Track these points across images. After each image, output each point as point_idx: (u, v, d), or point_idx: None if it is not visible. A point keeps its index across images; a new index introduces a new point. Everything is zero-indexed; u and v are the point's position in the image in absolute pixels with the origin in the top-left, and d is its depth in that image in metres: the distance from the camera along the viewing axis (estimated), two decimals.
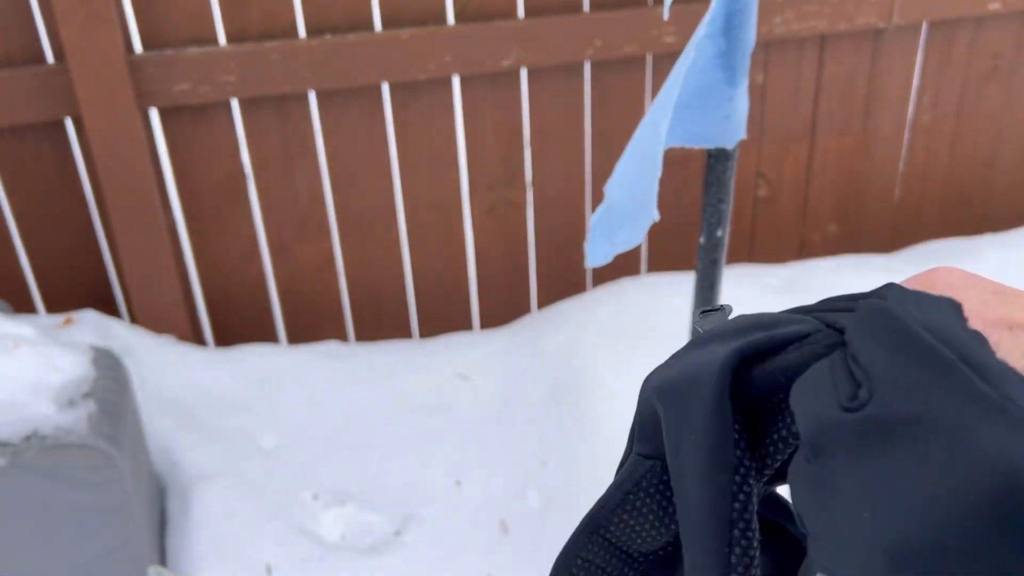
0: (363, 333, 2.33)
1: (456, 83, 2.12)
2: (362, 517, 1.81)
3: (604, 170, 2.31)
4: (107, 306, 2.14)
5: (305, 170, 2.12)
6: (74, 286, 2.10)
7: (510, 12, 2.07)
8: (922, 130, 2.51)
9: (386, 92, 2.09)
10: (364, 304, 2.31)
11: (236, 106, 2.02)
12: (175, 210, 2.10)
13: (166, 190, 2.07)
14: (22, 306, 2.07)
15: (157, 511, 1.73)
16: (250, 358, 2.09)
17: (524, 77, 2.15)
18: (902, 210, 2.61)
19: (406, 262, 2.28)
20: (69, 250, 2.07)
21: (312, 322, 2.29)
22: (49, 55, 1.90)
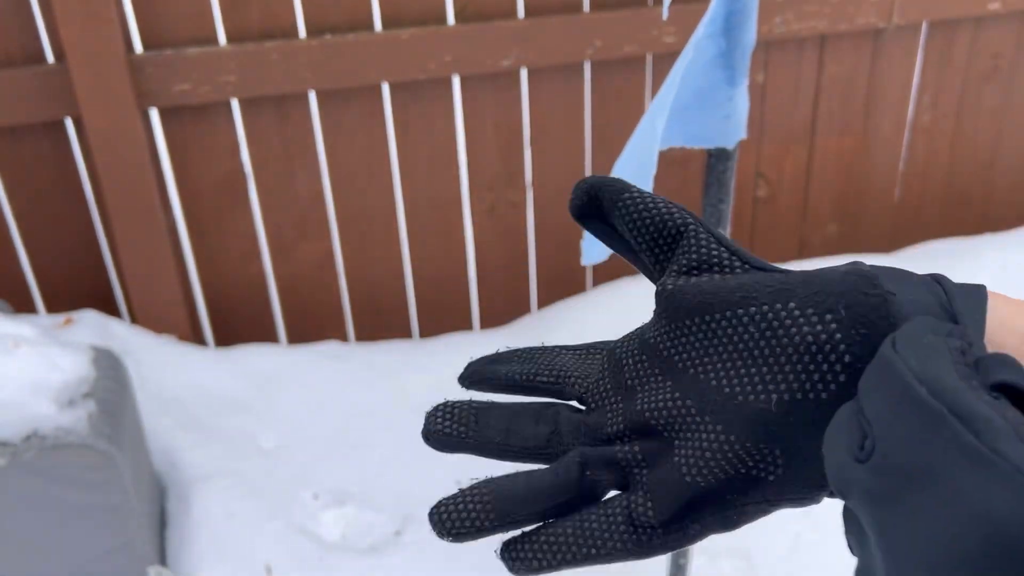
0: (363, 333, 2.33)
1: (456, 83, 2.12)
2: (362, 517, 1.81)
3: (604, 170, 2.31)
4: (107, 306, 2.14)
5: (305, 170, 2.12)
6: (74, 286, 2.10)
7: (510, 12, 2.07)
8: (922, 130, 2.51)
9: (386, 92, 2.09)
10: (364, 304, 2.31)
11: (236, 106, 2.02)
12: (175, 210, 2.11)
13: (166, 190, 2.07)
14: (22, 306, 2.07)
15: (157, 511, 1.73)
16: (250, 358, 2.09)
17: (524, 77, 2.15)
18: (902, 210, 2.61)
19: (406, 262, 2.28)
20: (69, 250, 2.07)
21: (312, 322, 2.29)
22: (49, 55, 1.90)
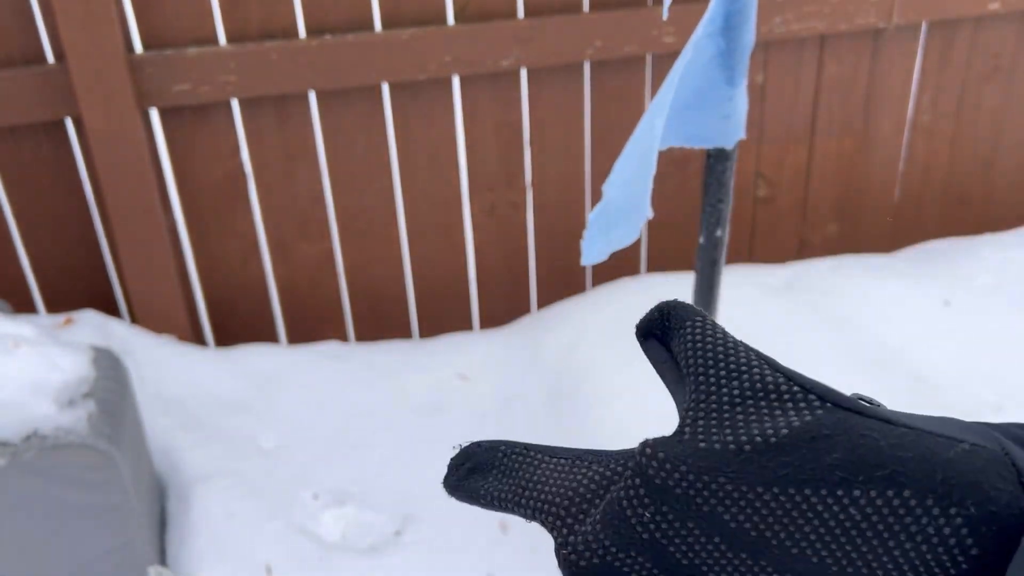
0: (363, 333, 2.33)
1: (456, 83, 2.12)
2: (362, 517, 1.81)
3: (604, 170, 2.31)
4: (107, 306, 2.14)
5: (305, 170, 2.12)
6: (74, 286, 2.10)
7: (510, 12, 2.07)
8: (922, 130, 2.51)
9: (386, 92, 2.09)
10: (364, 304, 2.31)
11: (236, 106, 2.02)
12: (175, 210, 2.11)
13: (166, 190, 2.07)
14: (22, 306, 2.07)
15: (157, 511, 1.73)
16: (250, 358, 2.09)
17: (524, 77, 2.15)
18: (902, 210, 2.61)
19: (406, 262, 2.29)
20: (69, 250, 2.08)
21: (312, 322, 2.29)
22: (49, 55, 1.90)
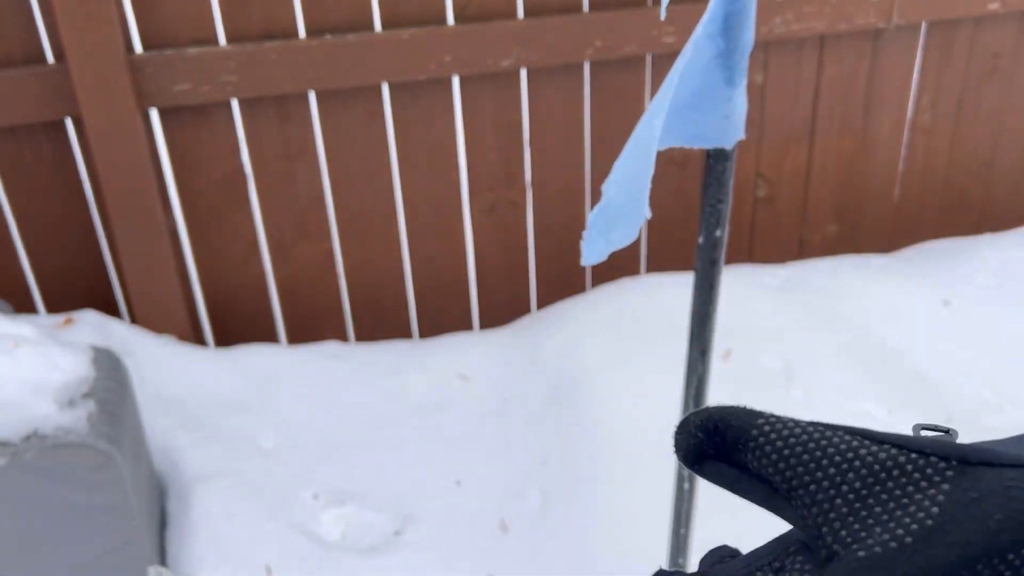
0: (363, 333, 2.33)
1: (456, 83, 2.12)
2: (362, 517, 1.81)
3: (603, 170, 2.31)
4: (107, 306, 2.14)
5: (305, 170, 2.12)
6: (74, 286, 2.11)
7: (510, 12, 2.07)
8: (921, 130, 2.51)
9: (386, 92, 2.09)
10: (364, 304, 2.31)
11: (236, 106, 2.02)
12: (175, 210, 2.11)
13: (167, 190, 2.07)
14: (22, 306, 2.07)
15: (157, 511, 1.73)
16: (250, 358, 2.09)
17: (524, 77, 2.15)
18: (901, 210, 2.61)
19: (406, 262, 2.29)
20: (69, 250, 2.08)
21: (312, 322, 2.29)
22: (49, 55, 1.90)
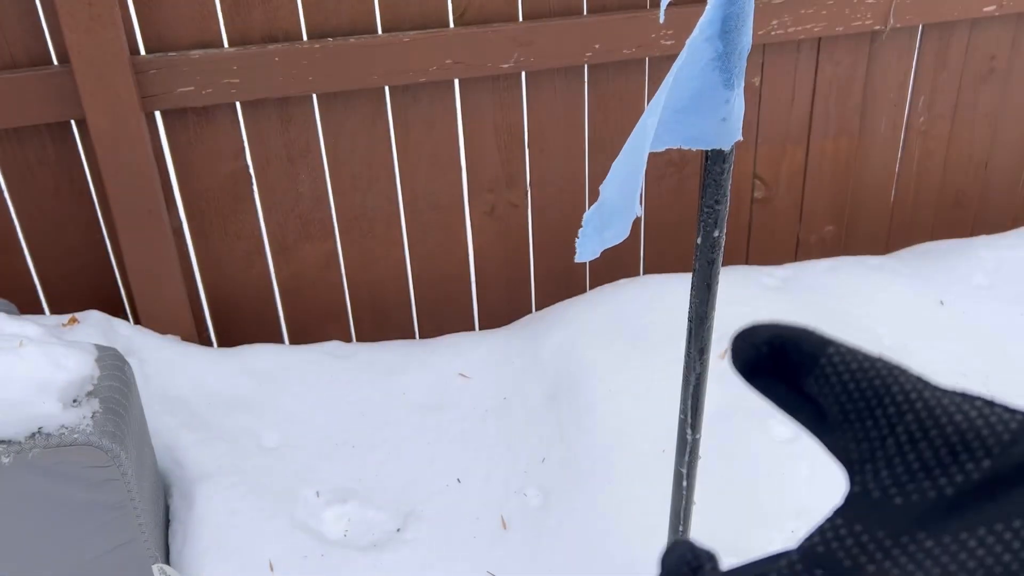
0: (365, 333, 2.35)
1: (456, 85, 2.13)
2: (364, 514, 1.82)
3: (602, 171, 2.32)
4: (112, 306, 2.15)
5: (307, 171, 2.14)
6: (79, 287, 2.12)
7: (510, 15, 2.09)
8: (918, 132, 2.53)
9: (387, 94, 2.10)
10: (366, 304, 2.32)
11: (239, 108, 2.04)
12: (179, 211, 2.12)
13: (171, 191, 2.08)
14: (27, 306, 2.09)
15: (161, 509, 1.74)
16: (253, 357, 2.11)
17: (524, 80, 2.17)
18: (898, 211, 2.63)
19: (407, 262, 2.30)
20: (74, 251, 2.09)
21: (314, 322, 2.30)
22: (53, 57, 1.92)
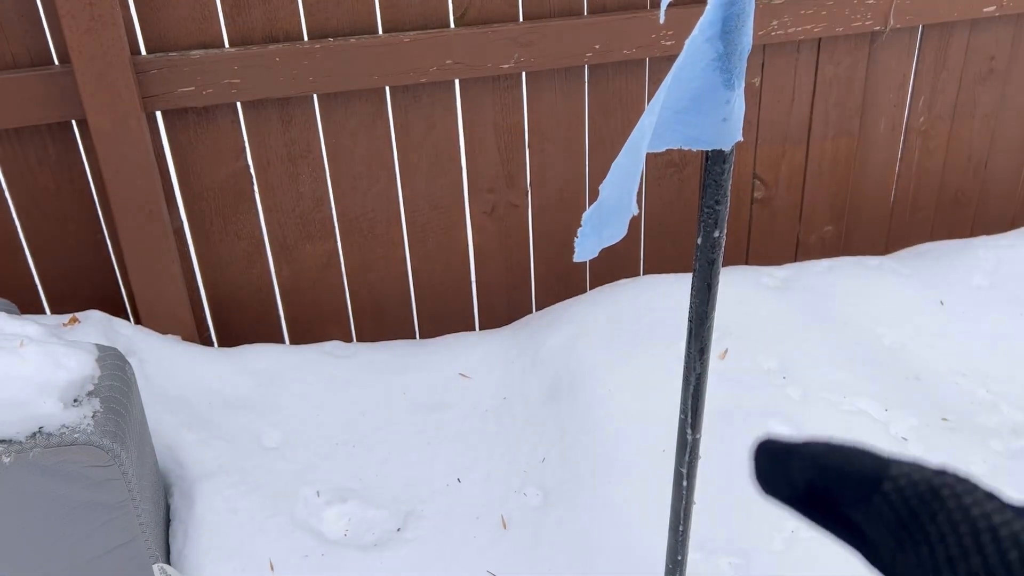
0: (365, 333, 2.35)
1: (457, 86, 2.14)
2: (364, 514, 1.83)
3: (602, 171, 2.33)
4: (112, 306, 2.15)
5: (308, 172, 2.14)
6: (80, 286, 2.12)
7: (510, 16, 2.09)
8: (917, 132, 2.53)
9: (388, 95, 2.11)
10: (366, 304, 2.33)
11: (240, 108, 2.04)
12: (180, 211, 2.12)
13: (171, 191, 2.09)
14: (28, 306, 2.09)
15: (161, 508, 1.75)
16: (254, 357, 2.11)
17: (524, 80, 2.17)
18: (897, 211, 2.63)
19: (408, 263, 2.30)
20: (75, 251, 2.09)
21: (315, 322, 2.31)
22: (54, 57, 1.92)
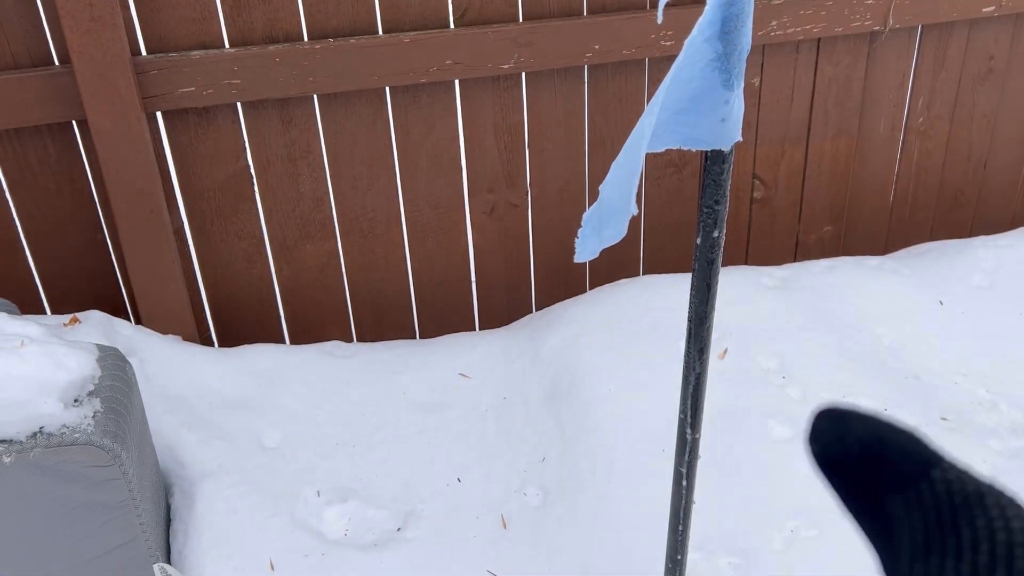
0: (365, 333, 2.35)
1: (457, 86, 2.14)
2: (364, 513, 1.83)
3: (602, 172, 2.33)
4: (113, 306, 2.15)
5: (308, 172, 2.14)
6: (80, 287, 2.12)
7: (510, 16, 2.09)
8: (916, 132, 2.53)
9: (388, 95, 2.11)
10: (366, 304, 2.33)
11: (240, 109, 2.04)
12: (180, 212, 2.12)
13: (172, 192, 2.09)
14: (29, 306, 2.09)
15: (162, 508, 1.75)
16: (254, 357, 2.11)
17: (524, 80, 2.17)
18: (897, 211, 2.63)
19: (407, 262, 2.31)
20: (75, 251, 2.09)
21: (315, 322, 2.31)
22: (55, 58, 1.92)
